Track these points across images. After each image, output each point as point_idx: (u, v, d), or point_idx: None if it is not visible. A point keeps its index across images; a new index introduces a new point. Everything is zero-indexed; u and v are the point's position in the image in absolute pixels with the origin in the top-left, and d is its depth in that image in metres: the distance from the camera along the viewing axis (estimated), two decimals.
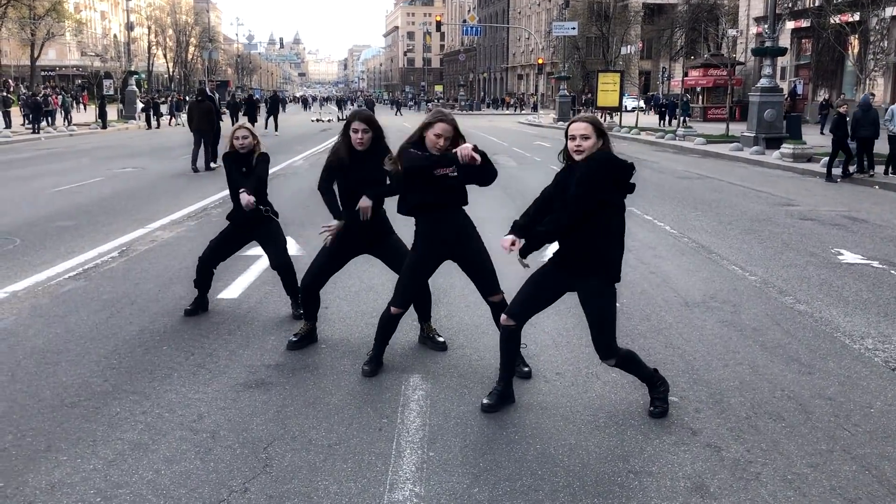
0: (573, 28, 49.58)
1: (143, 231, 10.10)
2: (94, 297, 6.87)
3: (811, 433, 4.28)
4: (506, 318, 4.50)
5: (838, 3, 33.49)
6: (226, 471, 3.76)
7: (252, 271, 7.78)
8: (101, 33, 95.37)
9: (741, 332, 6.11)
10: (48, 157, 22.55)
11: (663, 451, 4.04)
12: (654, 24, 62.46)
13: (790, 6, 39.26)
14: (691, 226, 10.99)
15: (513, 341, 4.58)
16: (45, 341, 5.66)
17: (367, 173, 5.18)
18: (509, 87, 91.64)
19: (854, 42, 32.05)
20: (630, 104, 51.71)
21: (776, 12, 28.54)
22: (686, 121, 37.85)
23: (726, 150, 24.41)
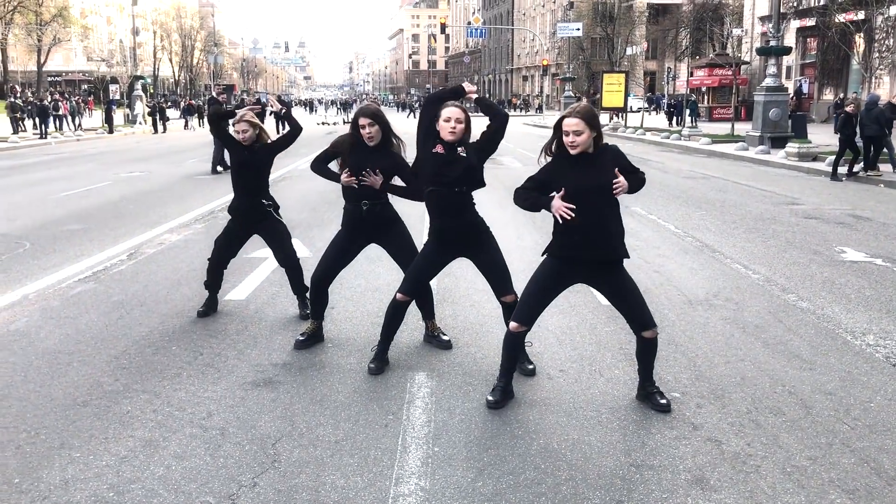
0: (578, 29, 49.70)
1: (151, 234, 10.21)
2: (103, 299, 6.97)
3: (811, 427, 4.34)
4: (517, 325, 4.54)
5: (843, 1, 33.49)
6: (235, 466, 3.84)
7: (259, 273, 7.87)
8: (107, 38, 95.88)
9: (743, 329, 6.17)
10: (56, 161, 22.72)
11: (664, 446, 4.11)
12: (659, 25, 62.44)
13: (795, 5, 39.25)
14: (695, 225, 11.05)
15: (518, 343, 4.66)
16: (57, 342, 5.75)
17: (379, 165, 5.23)
18: (514, 89, 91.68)
19: (859, 40, 32.05)
20: (635, 104, 51.79)
21: (781, 11, 28.57)
22: (695, 121, 37.90)
23: (731, 149, 24.43)
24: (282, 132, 5.87)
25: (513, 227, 10.42)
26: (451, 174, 4.78)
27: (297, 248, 6.82)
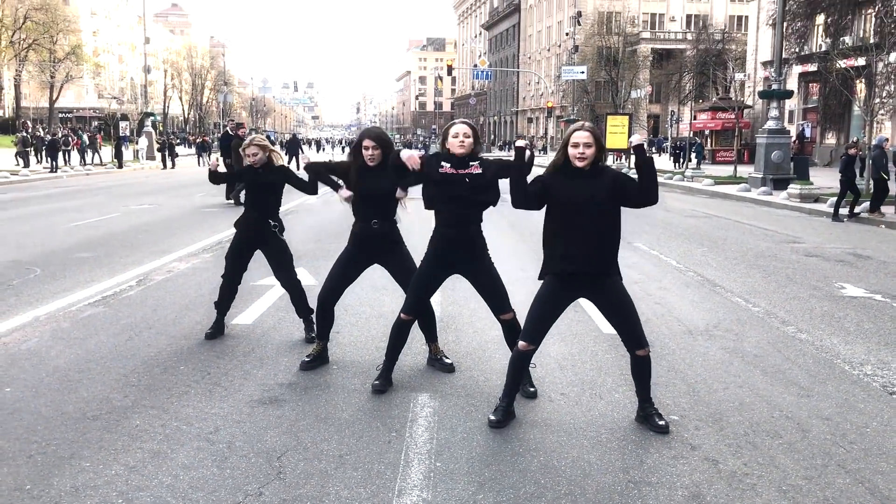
0: (582, 72, 50.34)
1: (159, 262, 10.35)
2: (113, 322, 7.09)
3: (807, 449, 4.42)
4: (525, 344, 4.63)
5: (843, 48, 33.97)
6: (241, 477, 3.93)
7: (266, 299, 7.99)
8: (118, 76, 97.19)
9: (742, 358, 6.25)
10: (65, 194, 22.98)
11: (662, 464, 4.19)
12: (663, 69, 63.20)
13: (797, 51, 39.80)
14: (697, 261, 11.16)
15: (525, 363, 4.76)
16: (67, 361, 5.86)
17: (377, 186, 5.40)
18: (519, 130, 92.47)
19: (860, 86, 32.43)
20: None
21: (782, 56, 29.00)
22: (700, 164, 38.22)
23: (734, 190, 24.64)
24: (302, 171, 6.09)
25: (516, 259, 10.54)
26: (462, 188, 4.93)
27: (303, 278, 7.00)
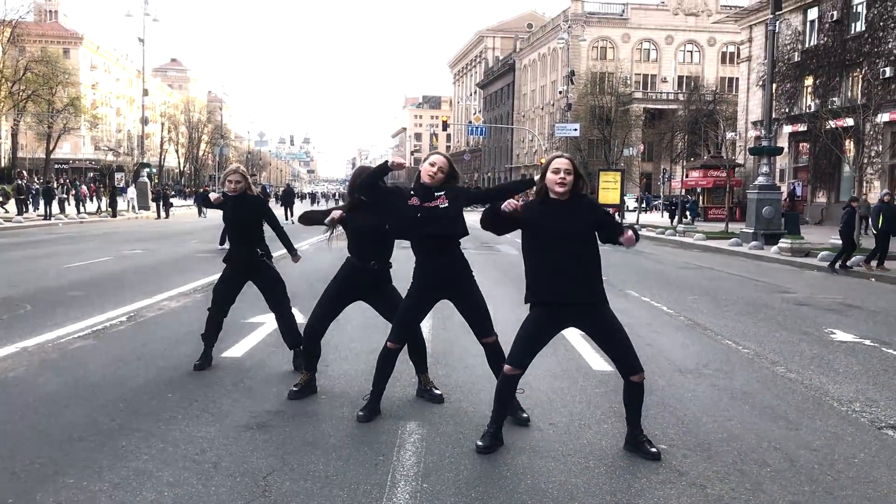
0: (575, 129, 50.99)
1: (150, 301, 10.35)
2: (102, 353, 7.07)
3: (794, 477, 4.41)
4: (511, 368, 4.67)
5: (832, 108, 34.57)
6: (226, 494, 3.90)
7: (256, 335, 7.99)
8: (115, 129, 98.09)
9: (731, 394, 6.26)
10: (59, 240, 23.01)
11: (650, 488, 4.17)
12: (655, 128, 64.13)
13: (786, 111, 40.53)
14: (688, 307, 11.21)
15: (512, 387, 4.77)
16: (55, 388, 5.84)
17: (365, 220, 5.47)
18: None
19: (850, 146, 32.94)
20: (631, 204, 52.72)
21: (772, 116, 29.49)
22: (694, 220, 38.57)
23: (725, 245, 24.81)
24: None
25: (508, 305, 10.53)
26: (433, 221, 4.98)
27: (295, 316, 6.97)
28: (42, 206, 34.43)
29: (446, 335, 8.06)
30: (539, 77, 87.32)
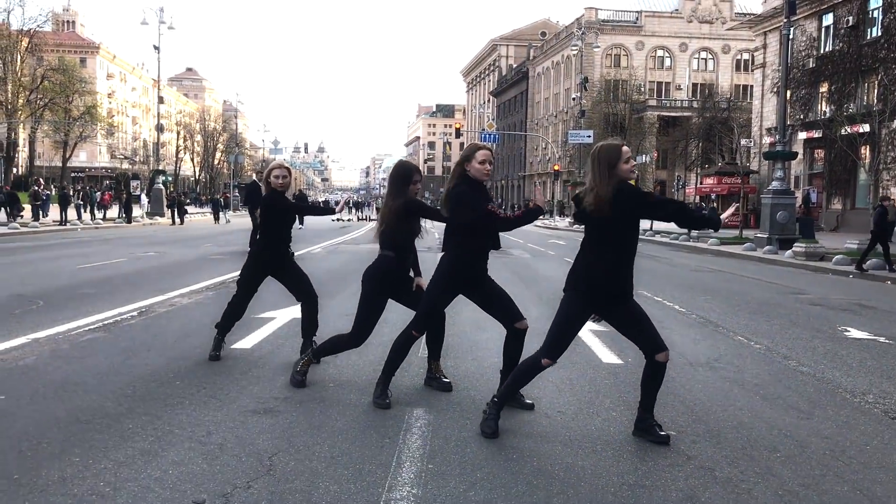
0: (589, 136, 50.88)
1: (162, 297, 10.38)
2: (112, 345, 7.09)
3: (805, 462, 4.36)
4: (548, 360, 4.62)
5: (848, 114, 34.37)
6: (231, 472, 3.89)
7: (266, 329, 7.99)
8: (131, 137, 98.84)
9: (742, 386, 6.20)
10: (74, 243, 23.16)
11: (657, 471, 4.13)
12: (669, 136, 63.99)
13: (801, 118, 40.31)
14: (700, 306, 11.13)
15: (534, 375, 4.74)
16: (64, 376, 5.86)
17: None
18: (526, 195, 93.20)
19: (865, 152, 32.73)
20: None
21: (787, 122, 29.33)
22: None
23: (739, 249, 24.67)
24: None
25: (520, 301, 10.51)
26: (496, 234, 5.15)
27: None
28: (50, 213, 34.72)
29: (455, 329, 8.04)
30: (552, 85, 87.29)
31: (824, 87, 40.05)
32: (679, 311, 10.50)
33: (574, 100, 64.01)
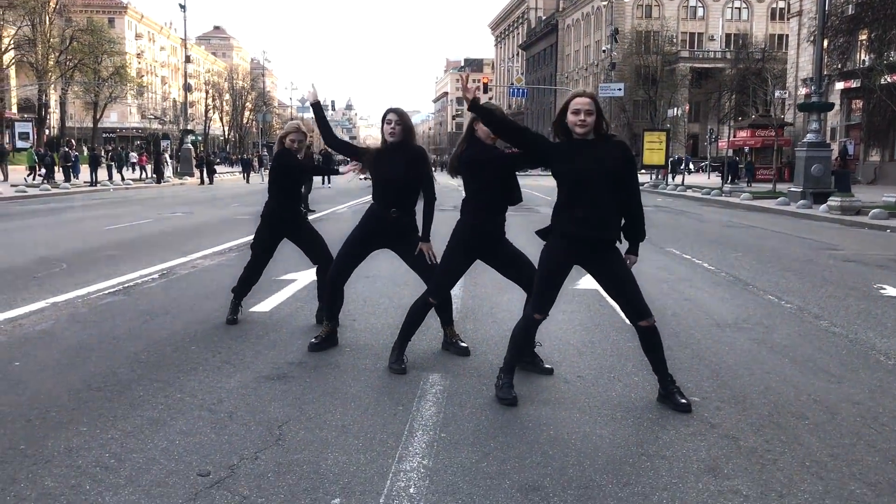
0: (619, 89, 50.00)
1: (185, 259, 10.36)
2: (130, 308, 7.05)
3: (835, 430, 4.18)
4: (539, 315, 4.54)
5: (889, 62, 33.29)
6: (239, 442, 3.81)
7: (285, 292, 7.91)
8: (161, 97, 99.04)
9: (771, 348, 6.00)
10: (103, 204, 23.31)
11: (679, 440, 3.98)
12: (702, 88, 62.68)
13: (839, 67, 39.12)
14: (730, 264, 10.87)
15: (532, 334, 4.71)
16: (79, 341, 5.82)
17: (393, 167, 5.28)
18: None
19: None
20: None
21: (823, 72, 28.49)
22: (750, 182, 37.92)
23: (772, 204, 24.18)
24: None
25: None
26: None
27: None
28: (80, 174, 34.98)
29: (476, 291, 7.91)
30: (583, 37, 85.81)
31: (864, 35, 38.71)
32: (708, 269, 10.26)
33: (604, 52, 62.86)
